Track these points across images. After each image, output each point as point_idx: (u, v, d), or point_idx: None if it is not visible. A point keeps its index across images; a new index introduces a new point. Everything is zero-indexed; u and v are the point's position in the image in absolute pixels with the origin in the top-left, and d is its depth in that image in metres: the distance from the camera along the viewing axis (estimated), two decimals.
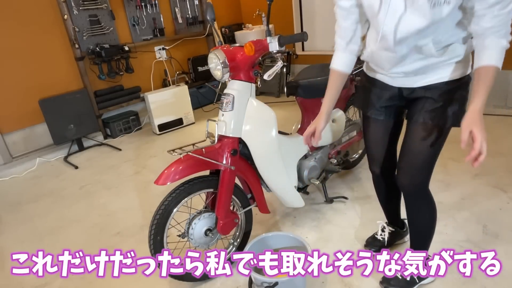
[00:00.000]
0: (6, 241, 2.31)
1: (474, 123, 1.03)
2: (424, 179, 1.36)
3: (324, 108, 1.42)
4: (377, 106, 1.43)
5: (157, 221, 1.53)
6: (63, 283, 1.86)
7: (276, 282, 1.42)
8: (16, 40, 3.42)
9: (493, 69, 1.05)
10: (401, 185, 1.39)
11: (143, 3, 4.21)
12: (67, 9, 3.57)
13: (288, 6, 4.74)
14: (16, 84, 3.49)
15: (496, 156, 2.54)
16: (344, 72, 1.40)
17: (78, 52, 3.71)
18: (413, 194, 1.39)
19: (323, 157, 2.12)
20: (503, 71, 3.34)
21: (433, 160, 1.33)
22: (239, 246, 1.82)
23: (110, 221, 2.38)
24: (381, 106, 1.42)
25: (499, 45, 1.05)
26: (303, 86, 1.97)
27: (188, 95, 4.11)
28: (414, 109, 1.31)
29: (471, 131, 1.03)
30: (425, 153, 1.30)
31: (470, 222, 1.91)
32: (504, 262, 1.62)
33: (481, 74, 1.06)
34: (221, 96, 1.67)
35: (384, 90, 1.39)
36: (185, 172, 1.51)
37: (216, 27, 1.81)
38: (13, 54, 3.42)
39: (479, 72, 1.07)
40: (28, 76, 3.54)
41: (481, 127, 1.03)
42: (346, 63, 1.38)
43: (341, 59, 1.38)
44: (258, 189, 1.80)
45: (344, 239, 1.91)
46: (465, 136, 1.04)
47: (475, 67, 1.09)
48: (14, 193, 3.01)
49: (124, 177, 3.01)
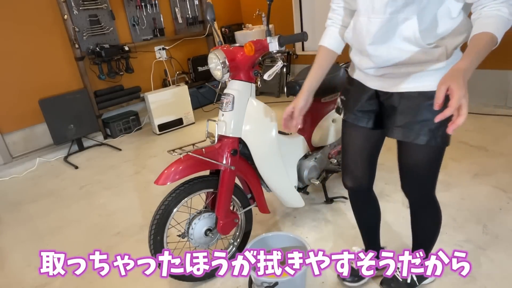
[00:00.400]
0: (6, 241, 2.31)
1: (453, 79, 0.83)
2: (429, 188, 1.28)
3: (305, 86, 1.31)
4: (354, 110, 1.30)
5: (157, 221, 1.53)
6: (63, 283, 1.86)
7: (276, 282, 1.42)
8: (16, 40, 3.42)
9: (488, 36, 0.88)
10: (406, 195, 1.32)
11: (143, 3, 4.21)
12: (67, 9, 3.57)
13: (288, 6, 4.74)
14: (16, 84, 3.49)
15: (496, 156, 2.54)
16: (332, 50, 1.30)
17: (78, 52, 3.71)
18: (418, 201, 1.33)
19: (323, 157, 2.12)
20: (503, 71, 3.35)
21: (435, 171, 1.23)
22: (239, 246, 1.82)
23: (110, 221, 2.38)
24: (358, 110, 1.30)
25: (498, 13, 0.90)
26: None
27: (188, 95, 4.11)
28: (388, 121, 1.21)
29: (448, 88, 0.84)
30: (422, 168, 1.21)
31: (470, 222, 1.91)
32: (504, 262, 1.62)
33: (472, 40, 0.91)
34: (221, 96, 1.67)
35: (362, 92, 1.28)
36: (185, 172, 1.51)
37: (216, 27, 1.81)
38: (13, 54, 3.42)
39: (471, 40, 0.92)
40: (28, 76, 3.54)
41: (461, 84, 0.82)
42: (335, 40, 1.29)
43: (330, 36, 1.30)
44: (258, 189, 1.80)
45: (344, 239, 1.91)
46: (440, 93, 0.83)
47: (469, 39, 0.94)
48: (14, 193, 3.01)
49: (124, 177, 3.01)
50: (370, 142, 1.34)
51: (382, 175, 2.49)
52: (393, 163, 2.63)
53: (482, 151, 2.64)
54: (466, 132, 2.98)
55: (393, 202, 2.17)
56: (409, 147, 1.19)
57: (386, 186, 2.34)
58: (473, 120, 3.24)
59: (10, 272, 2.00)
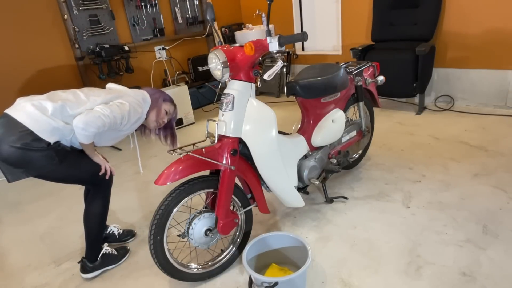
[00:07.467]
0: (6, 241, 2.31)
1: None
2: None
3: None
4: None
5: (157, 221, 1.53)
6: (63, 283, 1.86)
7: (276, 282, 1.42)
8: (16, 40, 3.42)
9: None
10: None
11: (143, 3, 4.21)
12: (67, 9, 3.57)
13: (288, 6, 4.74)
14: (16, 84, 3.49)
15: (496, 156, 2.54)
16: None
17: (78, 52, 3.71)
18: None
19: (323, 157, 2.12)
20: (503, 71, 3.35)
21: None
22: (239, 246, 1.82)
23: (110, 221, 2.38)
24: None
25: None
26: (303, 86, 1.97)
27: (188, 95, 4.11)
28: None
29: None
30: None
31: (470, 222, 1.91)
32: (504, 262, 1.62)
33: None
34: (221, 96, 1.67)
35: None
36: (185, 172, 1.51)
37: (216, 27, 1.81)
38: (13, 54, 3.41)
39: None
40: (28, 76, 3.54)
41: None
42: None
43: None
44: (258, 189, 1.80)
45: (344, 239, 1.91)
46: None
47: None
48: (14, 193, 3.01)
49: (124, 177, 3.01)
50: None
51: (382, 175, 2.49)
52: (393, 163, 2.63)
53: (482, 151, 2.64)
54: (466, 132, 2.98)
55: (393, 202, 2.17)
56: None
57: (386, 186, 2.34)
58: (473, 120, 3.24)
59: (10, 272, 2.00)
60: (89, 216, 1.78)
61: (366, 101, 2.50)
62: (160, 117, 1.86)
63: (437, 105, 3.74)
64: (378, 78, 2.40)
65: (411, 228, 1.92)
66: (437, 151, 2.71)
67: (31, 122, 1.50)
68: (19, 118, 1.50)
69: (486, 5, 3.23)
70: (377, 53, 3.48)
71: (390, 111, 3.72)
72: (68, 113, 1.56)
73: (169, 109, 1.90)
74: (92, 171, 1.70)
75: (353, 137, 2.41)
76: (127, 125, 1.69)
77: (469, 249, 1.72)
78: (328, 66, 2.18)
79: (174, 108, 1.94)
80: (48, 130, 1.51)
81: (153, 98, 1.82)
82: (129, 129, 1.76)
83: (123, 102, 1.64)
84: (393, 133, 3.17)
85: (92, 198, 1.78)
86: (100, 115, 1.54)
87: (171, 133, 2.03)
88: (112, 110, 1.58)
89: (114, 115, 1.58)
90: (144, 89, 1.85)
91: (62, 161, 1.58)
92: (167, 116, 1.90)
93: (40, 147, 1.50)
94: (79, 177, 1.69)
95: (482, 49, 3.38)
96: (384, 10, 3.64)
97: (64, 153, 1.59)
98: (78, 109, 1.58)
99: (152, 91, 1.85)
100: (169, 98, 1.91)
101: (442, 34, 3.56)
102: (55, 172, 1.58)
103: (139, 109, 1.71)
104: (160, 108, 1.85)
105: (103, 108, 1.56)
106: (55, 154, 1.54)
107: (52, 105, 1.53)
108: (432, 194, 2.20)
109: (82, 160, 1.67)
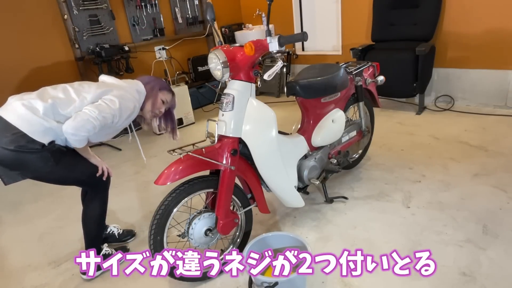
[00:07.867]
0: (6, 241, 2.30)
1: None
2: None
3: None
4: None
5: (157, 221, 1.53)
6: (63, 283, 1.86)
7: (276, 282, 1.42)
8: (16, 40, 3.42)
9: None
10: None
11: (143, 3, 4.21)
12: (67, 9, 3.57)
13: (288, 6, 4.74)
14: (16, 84, 3.49)
15: (496, 156, 2.54)
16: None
17: (78, 52, 3.71)
18: None
19: (323, 157, 2.12)
20: (503, 71, 3.35)
21: None
22: (239, 246, 1.82)
23: (110, 221, 2.38)
24: None
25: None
26: (303, 86, 1.97)
27: (188, 95, 4.11)
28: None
29: None
30: None
31: (470, 222, 1.91)
32: (504, 262, 1.62)
33: None
34: (221, 96, 1.67)
35: None
36: (185, 172, 1.51)
37: (216, 27, 1.81)
38: (13, 54, 3.41)
39: None
40: (28, 76, 3.54)
41: None
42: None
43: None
44: (258, 189, 1.80)
45: (344, 239, 1.91)
46: None
47: None
48: (14, 193, 3.01)
49: (124, 177, 3.01)
50: None
51: (382, 175, 2.49)
52: (393, 163, 2.63)
53: (482, 151, 2.64)
54: (466, 132, 2.98)
55: (393, 202, 2.17)
56: None
57: (386, 186, 2.34)
58: (473, 120, 3.24)
59: (10, 272, 2.00)
60: (87, 218, 1.78)
61: (366, 101, 2.50)
62: (156, 107, 1.79)
63: (437, 105, 3.74)
64: (378, 78, 2.40)
65: (411, 228, 1.92)
66: (437, 151, 2.71)
67: (23, 123, 1.47)
68: (11, 120, 1.47)
69: (486, 5, 3.23)
70: (377, 53, 3.48)
71: (390, 111, 3.72)
72: (59, 112, 1.53)
73: (166, 98, 1.82)
74: (90, 172, 1.69)
75: (353, 137, 2.41)
76: (119, 122, 1.65)
77: (469, 249, 1.72)
78: (328, 66, 2.18)
79: (171, 96, 1.85)
80: (40, 131, 1.48)
81: (148, 88, 1.75)
82: (123, 123, 1.71)
83: (112, 99, 1.58)
84: (393, 133, 3.17)
85: (90, 200, 1.77)
86: (88, 118, 1.50)
87: (171, 123, 1.96)
88: (100, 110, 1.53)
89: (104, 115, 1.54)
90: (139, 78, 1.78)
91: (58, 162, 1.55)
92: (164, 106, 1.82)
93: (35, 149, 1.47)
94: (76, 179, 1.67)
95: (482, 49, 3.38)
96: (384, 10, 3.64)
97: (60, 154, 1.57)
98: (68, 109, 1.54)
99: (148, 79, 1.78)
100: (165, 86, 1.82)
101: (442, 34, 3.56)
102: (52, 173, 1.56)
103: (131, 104, 1.65)
104: (156, 97, 1.78)
105: (91, 110, 1.51)
106: (50, 155, 1.52)
107: (43, 105, 1.50)
108: (432, 194, 2.20)
109: (79, 161, 1.65)
